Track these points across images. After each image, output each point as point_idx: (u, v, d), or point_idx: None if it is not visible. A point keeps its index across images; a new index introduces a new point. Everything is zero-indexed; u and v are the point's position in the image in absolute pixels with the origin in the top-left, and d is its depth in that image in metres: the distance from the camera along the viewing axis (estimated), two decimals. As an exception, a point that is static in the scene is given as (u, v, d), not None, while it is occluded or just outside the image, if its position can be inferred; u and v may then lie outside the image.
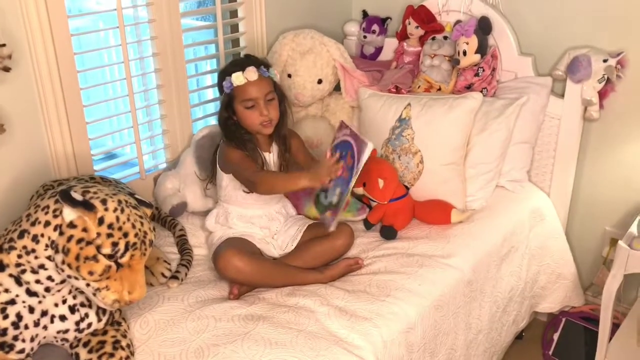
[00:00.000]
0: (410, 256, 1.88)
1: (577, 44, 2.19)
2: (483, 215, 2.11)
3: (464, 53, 2.25)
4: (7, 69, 1.60)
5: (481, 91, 2.24)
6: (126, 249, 1.31)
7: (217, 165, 1.95)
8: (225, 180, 1.92)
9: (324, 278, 1.79)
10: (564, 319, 2.32)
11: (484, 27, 2.26)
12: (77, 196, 1.28)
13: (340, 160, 1.74)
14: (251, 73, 1.83)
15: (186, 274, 1.80)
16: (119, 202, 1.33)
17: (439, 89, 2.35)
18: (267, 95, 1.86)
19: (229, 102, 1.90)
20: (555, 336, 2.30)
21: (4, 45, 1.58)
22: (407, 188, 2.12)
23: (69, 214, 1.28)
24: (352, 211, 2.12)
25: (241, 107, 1.87)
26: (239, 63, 1.88)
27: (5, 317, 1.34)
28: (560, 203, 2.32)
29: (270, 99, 1.87)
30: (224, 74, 1.88)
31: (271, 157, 1.96)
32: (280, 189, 1.82)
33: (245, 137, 1.90)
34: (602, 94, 2.15)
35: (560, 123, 2.24)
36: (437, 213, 2.06)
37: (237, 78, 1.84)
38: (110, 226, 1.29)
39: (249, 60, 1.89)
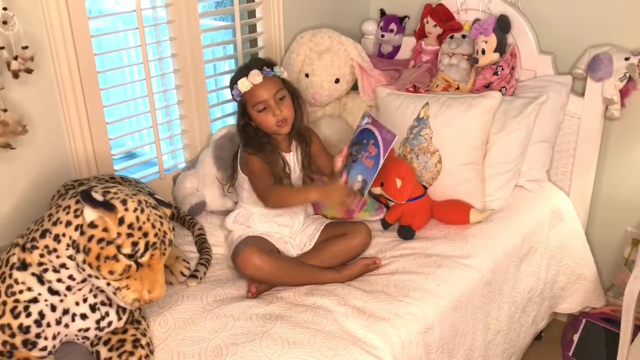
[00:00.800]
0: (429, 256, 1.88)
1: (598, 41, 2.16)
2: (502, 215, 2.10)
3: (483, 52, 2.24)
4: (29, 71, 1.62)
5: (500, 90, 2.23)
6: (146, 248, 1.32)
7: (239, 168, 1.95)
8: (247, 183, 1.92)
9: (341, 277, 1.79)
10: (584, 320, 2.29)
11: (503, 25, 2.24)
12: (98, 196, 1.29)
13: (361, 152, 1.76)
14: (255, 76, 1.82)
15: (205, 273, 1.81)
16: (139, 202, 1.34)
17: (457, 88, 2.34)
18: (276, 95, 1.85)
19: (243, 109, 1.90)
20: (575, 337, 2.28)
21: (26, 47, 1.60)
22: (425, 188, 2.12)
23: (90, 214, 1.29)
24: (370, 211, 2.12)
25: (254, 112, 1.86)
26: (243, 69, 1.88)
27: (28, 315, 1.36)
28: (580, 203, 2.30)
29: (281, 98, 1.86)
30: (232, 82, 1.89)
31: (292, 156, 1.96)
32: (290, 202, 1.86)
33: (263, 140, 1.90)
34: (623, 93, 2.13)
35: (580, 122, 2.21)
36: (456, 213, 2.05)
37: (243, 84, 1.84)
38: (130, 226, 1.30)
39: (252, 64, 1.88)
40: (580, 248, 2.28)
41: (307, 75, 2.33)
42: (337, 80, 2.35)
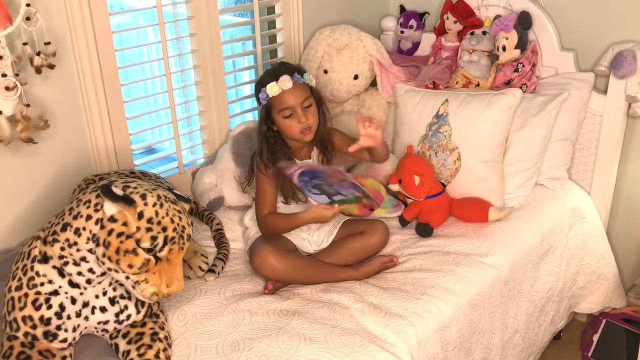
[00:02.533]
0: (446, 254, 1.87)
1: (621, 38, 2.13)
2: (521, 214, 2.08)
3: (504, 48, 2.22)
4: (51, 67, 1.65)
5: (521, 87, 2.20)
6: (165, 243, 1.33)
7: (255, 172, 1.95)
8: None
9: (358, 275, 1.79)
10: (604, 320, 2.26)
11: (524, 22, 2.22)
12: (118, 191, 1.31)
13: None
14: (285, 82, 1.81)
15: (223, 268, 1.82)
16: (158, 197, 1.35)
17: (477, 85, 2.32)
18: (304, 102, 1.83)
19: (267, 113, 1.89)
20: (595, 337, 2.25)
21: (49, 43, 1.62)
22: (444, 185, 2.10)
23: (110, 208, 1.31)
24: (388, 208, 2.10)
25: (279, 117, 1.85)
26: (273, 73, 1.86)
27: (49, 307, 1.38)
28: (601, 202, 2.27)
29: (307, 106, 1.85)
30: (259, 85, 1.88)
31: (309, 163, 1.95)
32: (281, 230, 1.88)
33: (281, 149, 1.90)
34: (647, 90, 2.09)
35: (602, 120, 2.18)
36: (474, 211, 2.04)
37: (272, 88, 1.82)
38: (149, 220, 1.31)
39: (282, 69, 1.86)
40: (601, 247, 2.25)
41: (325, 72, 2.33)
42: (355, 77, 2.34)
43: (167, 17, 2.02)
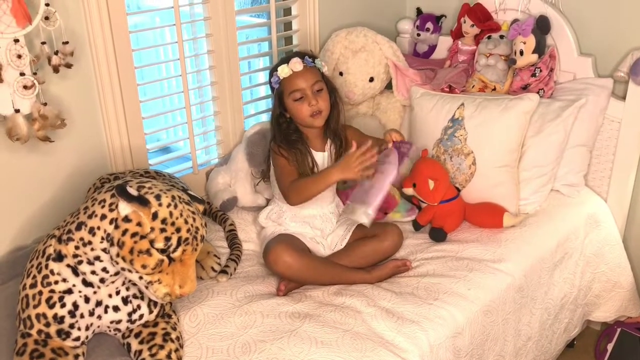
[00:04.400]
0: (460, 260, 1.85)
1: (641, 44, 2.11)
2: (536, 220, 2.06)
3: (521, 53, 2.20)
4: (69, 66, 1.66)
5: (538, 92, 2.19)
6: (178, 243, 1.33)
7: (271, 163, 1.96)
8: None
9: (371, 278, 1.79)
10: (619, 329, 2.24)
11: (542, 26, 2.20)
12: (133, 191, 1.31)
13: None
14: (296, 64, 1.83)
15: (235, 269, 1.82)
16: (173, 197, 1.35)
17: (494, 89, 2.30)
18: (314, 86, 1.85)
19: (279, 100, 1.91)
20: (610, 346, 2.23)
21: (67, 42, 1.63)
22: (459, 190, 2.09)
23: (124, 208, 1.31)
24: (401, 212, 2.10)
25: (290, 101, 1.87)
26: (285, 58, 1.90)
27: (63, 305, 1.39)
28: (618, 209, 2.24)
29: (318, 90, 1.86)
30: (272, 71, 1.91)
31: (325, 156, 1.95)
32: (313, 191, 1.77)
33: (294, 136, 1.90)
34: (666, 97, 2.07)
35: (620, 126, 2.16)
36: (489, 216, 2.02)
37: (283, 70, 1.85)
38: (163, 221, 1.31)
39: (293, 54, 1.90)
40: (616, 255, 2.22)
41: (341, 74, 2.32)
42: (371, 79, 2.33)
43: (184, 17, 2.03)
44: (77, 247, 1.37)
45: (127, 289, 1.47)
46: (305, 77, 1.84)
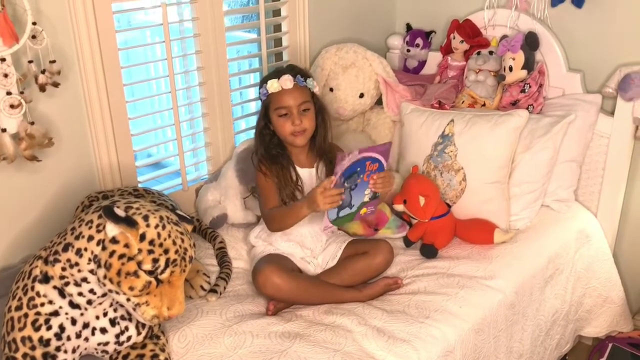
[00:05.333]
0: (451, 276, 1.85)
1: (629, 60, 2.12)
2: (527, 236, 2.06)
3: (510, 69, 2.21)
4: (56, 85, 1.64)
5: (527, 108, 2.19)
6: (166, 265, 1.32)
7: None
8: None
9: (362, 297, 1.77)
10: (610, 345, 2.23)
11: (531, 42, 2.21)
12: (120, 212, 1.30)
13: (358, 177, 1.72)
14: (286, 81, 1.83)
15: (225, 288, 1.80)
16: (161, 218, 1.34)
17: (484, 105, 2.31)
18: (301, 105, 1.85)
19: (265, 110, 1.90)
20: (601, 362, 2.22)
21: (54, 61, 1.62)
22: (449, 206, 2.09)
23: (112, 229, 1.30)
24: (392, 228, 2.10)
25: (275, 115, 1.87)
26: (277, 71, 1.89)
27: (49, 328, 1.37)
28: (608, 224, 2.25)
29: (305, 109, 1.86)
30: (262, 81, 1.91)
31: (312, 172, 1.95)
32: (287, 223, 1.81)
33: (276, 150, 1.90)
34: (654, 113, 2.08)
35: (609, 142, 2.17)
36: (480, 232, 2.02)
37: (272, 85, 1.84)
38: (151, 242, 1.30)
39: (287, 69, 1.89)
40: (607, 270, 2.23)
41: (331, 90, 2.33)
42: (361, 95, 2.34)
43: (173, 34, 2.02)
44: (63, 269, 1.35)
45: (115, 310, 1.45)
46: (293, 95, 1.84)
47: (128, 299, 1.34)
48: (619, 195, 2.22)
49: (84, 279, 1.35)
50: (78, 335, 1.41)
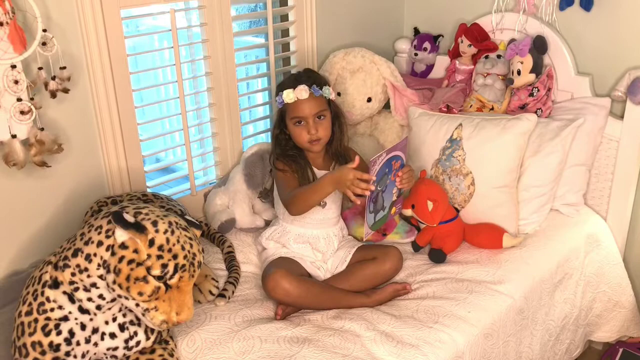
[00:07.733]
0: (460, 281, 1.84)
1: (638, 63, 2.11)
2: (536, 240, 2.05)
3: (518, 72, 2.20)
4: (66, 91, 1.65)
5: (536, 112, 2.19)
6: (175, 270, 1.32)
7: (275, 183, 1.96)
8: None
9: (370, 302, 1.77)
10: (621, 350, 2.22)
11: (539, 46, 2.20)
12: (129, 218, 1.31)
13: (387, 179, 1.74)
14: (302, 92, 1.84)
15: (233, 292, 1.81)
16: (170, 223, 1.35)
17: (492, 109, 2.30)
18: (317, 114, 1.86)
19: (281, 117, 1.92)
20: (612, 367, 2.21)
21: (64, 67, 1.63)
22: (457, 210, 2.08)
23: (121, 235, 1.30)
24: (401, 233, 2.09)
25: (291, 123, 1.89)
26: (293, 79, 1.89)
27: (59, 333, 1.38)
28: (618, 228, 2.23)
29: (320, 117, 1.87)
30: (279, 88, 1.91)
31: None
32: (310, 200, 1.76)
33: (292, 152, 1.92)
34: (664, 116, 2.07)
35: (619, 145, 2.16)
36: (488, 237, 2.01)
37: (288, 95, 1.85)
38: (160, 248, 1.31)
39: (303, 77, 1.89)
40: (617, 274, 2.21)
41: (339, 94, 2.33)
42: (369, 99, 2.34)
43: (182, 39, 2.03)
44: (73, 274, 1.36)
45: (124, 315, 1.46)
46: (309, 105, 1.85)
47: (137, 304, 1.34)
48: (629, 199, 2.21)
49: (93, 285, 1.36)
50: (87, 340, 1.42)
